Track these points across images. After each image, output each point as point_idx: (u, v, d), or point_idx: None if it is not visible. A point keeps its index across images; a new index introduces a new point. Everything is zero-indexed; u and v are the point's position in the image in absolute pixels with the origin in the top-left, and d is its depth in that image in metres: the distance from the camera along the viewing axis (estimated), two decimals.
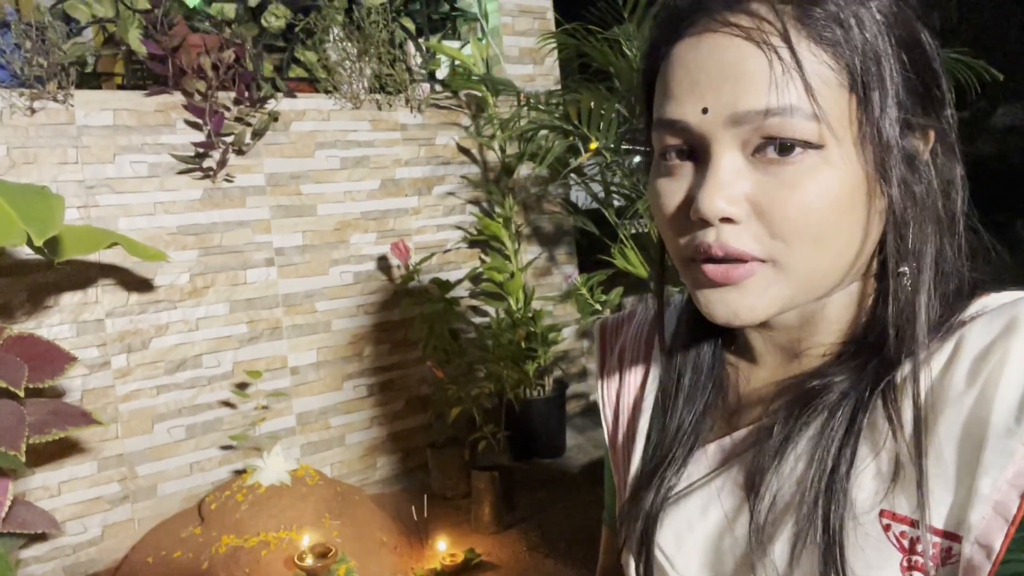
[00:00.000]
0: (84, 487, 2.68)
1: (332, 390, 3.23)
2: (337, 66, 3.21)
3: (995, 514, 0.40)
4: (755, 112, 0.45)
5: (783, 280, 0.47)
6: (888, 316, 0.48)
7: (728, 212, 0.46)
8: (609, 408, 0.69)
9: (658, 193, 0.51)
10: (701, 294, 0.49)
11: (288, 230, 3.10)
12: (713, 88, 0.46)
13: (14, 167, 2.54)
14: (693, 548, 0.55)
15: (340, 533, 2.53)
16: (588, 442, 3.62)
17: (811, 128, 0.44)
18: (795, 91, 0.44)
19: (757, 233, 0.46)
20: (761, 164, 0.46)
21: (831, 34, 0.45)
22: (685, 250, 0.50)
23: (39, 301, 2.60)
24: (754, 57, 0.45)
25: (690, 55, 0.48)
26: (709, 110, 0.46)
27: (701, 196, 0.46)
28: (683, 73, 0.48)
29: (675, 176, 0.50)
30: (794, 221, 0.45)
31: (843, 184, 0.46)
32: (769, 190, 0.46)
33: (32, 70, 2.54)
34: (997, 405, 0.41)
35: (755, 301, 0.47)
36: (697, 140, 0.48)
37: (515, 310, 3.44)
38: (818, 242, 0.46)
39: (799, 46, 0.44)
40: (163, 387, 2.84)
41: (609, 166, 3.09)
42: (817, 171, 0.45)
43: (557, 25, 3.79)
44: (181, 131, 2.84)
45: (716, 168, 0.46)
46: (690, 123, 0.47)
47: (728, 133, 0.46)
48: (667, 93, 0.49)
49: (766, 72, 0.44)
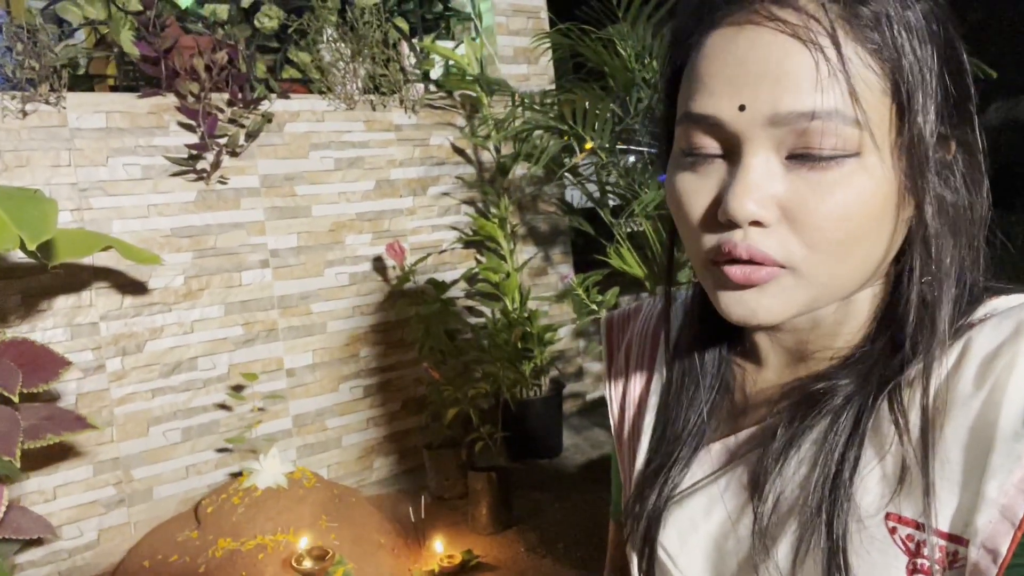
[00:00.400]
0: (79, 491, 2.67)
1: (328, 392, 3.23)
2: (331, 67, 3.20)
3: (1002, 518, 0.40)
4: (797, 114, 0.43)
5: (803, 286, 0.46)
6: (908, 323, 0.47)
7: (758, 215, 0.44)
8: (616, 403, 0.69)
9: (680, 190, 0.49)
10: (720, 295, 0.48)
11: (283, 231, 3.09)
12: (753, 85, 0.44)
13: (7, 170, 2.52)
14: (696, 548, 0.55)
15: (337, 535, 2.52)
16: (585, 442, 3.62)
17: (852, 134, 0.43)
18: (839, 94, 0.42)
19: (785, 239, 0.45)
20: (795, 168, 0.44)
21: (877, 37, 0.44)
22: (707, 250, 0.48)
23: (32, 305, 2.59)
24: (799, 56, 0.43)
25: (728, 47, 0.45)
26: (747, 108, 0.44)
27: (731, 197, 0.45)
28: (719, 66, 0.46)
29: (699, 173, 0.48)
30: (825, 230, 0.44)
31: (877, 193, 0.45)
32: (802, 196, 0.44)
33: (24, 73, 2.53)
34: (1005, 408, 0.41)
35: (773, 302, 0.46)
36: (729, 138, 0.46)
37: (511, 310, 3.44)
38: (844, 252, 0.45)
39: (845, 47, 0.43)
40: (158, 390, 2.83)
41: (604, 166, 3.09)
42: (853, 179, 0.44)
43: (551, 25, 3.79)
44: (174, 133, 2.83)
45: (748, 169, 0.45)
46: (724, 120, 0.45)
47: (764, 133, 0.44)
48: (699, 86, 0.47)
49: (811, 72, 0.43)
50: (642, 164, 3.00)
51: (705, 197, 0.48)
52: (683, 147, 0.49)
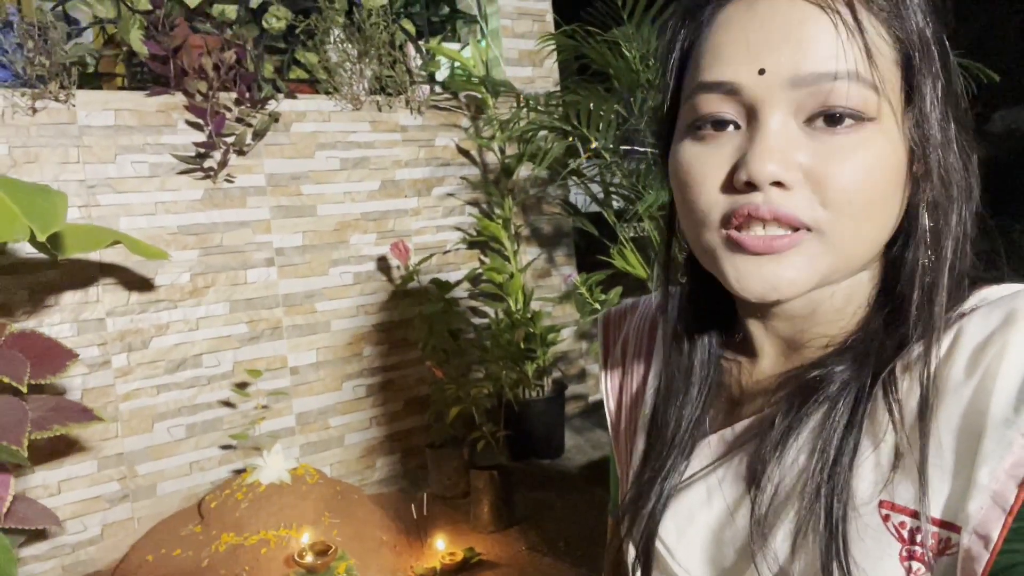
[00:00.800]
0: (84, 486, 2.68)
1: (332, 390, 3.24)
2: (337, 67, 3.22)
3: (993, 504, 0.40)
4: (818, 75, 0.43)
5: (825, 253, 0.46)
6: (906, 304, 0.48)
7: (781, 176, 0.44)
8: (612, 398, 0.69)
9: (687, 162, 0.49)
10: (732, 266, 0.47)
11: (288, 230, 3.11)
12: (773, 49, 0.44)
13: (16, 166, 2.55)
14: (694, 539, 0.55)
15: (340, 532, 2.53)
16: (587, 443, 3.62)
17: (871, 97, 0.44)
18: (858, 58, 0.43)
19: (809, 200, 0.45)
20: (814, 132, 0.45)
21: (886, 5, 0.45)
22: (721, 217, 0.47)
23: (40, 300, 2.61)
24: (818, 20, 0.44)
25: (744, 16, 0.46)
26: (767, 71, 0.44)
27: (751, 157, 0.44)
28: (736, 34, 0.46)
29: (710, 145, 0.48)
30: (848, 191, 0.44)
31: (893, 159, 0.46)
32: (824, 158, 0.44)
33: (34, 70, 2.55)
34: (996, 396, 0.41)
35: (796, 274, 0.46)
36: (747, 104, 0.46)
37: (514, 311, 3.45)
38: (866, 215, 0.45)
39: (860, 14, 0.44)
40: (163, 386, 2.84)
41: (608, 167, 3.11)
42: (872, 142, 0.45)
43: (556, 27, 3.81)
44: (182, 131, 2.85)
45: (768, 130, 0.45)
46: (743, 84, 0.45)
47: (785, 96, 0.45)
48: (715, 54, 0.47)
49: (831, 36, 0.43)
50: (646, 165, 3.01)
51: (718, 167, 0.47)
52: (694, 120, 0.49)
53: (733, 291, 0.48)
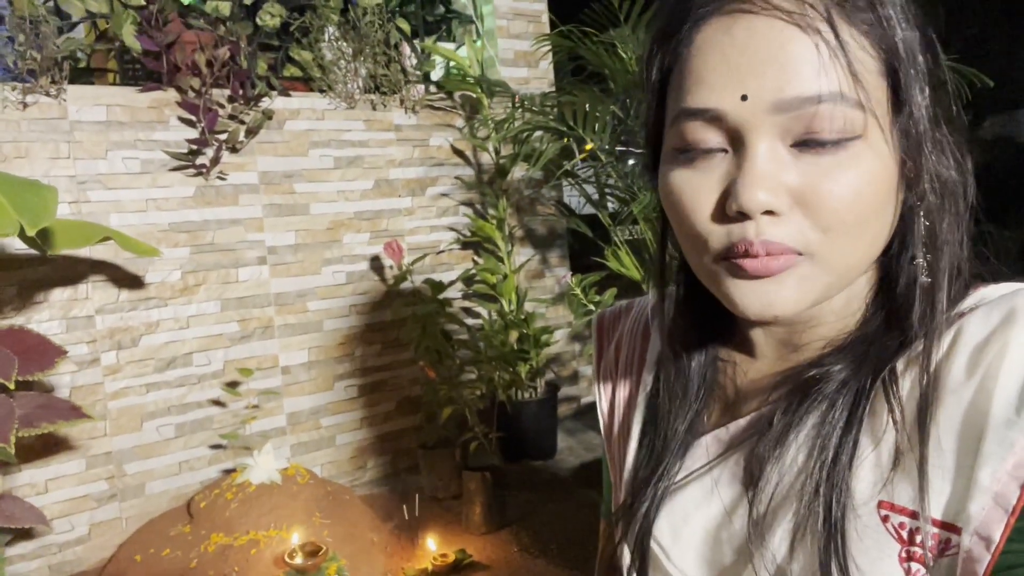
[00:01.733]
0: (71, 485, 2.65)
1: (323, 390, 3.22)
2: (332, 65, 3.21)
3: (995, 505, 0.40)
4: (802, 99, 0.43)
5: (819, 274, 0.46)
6: (905, 304, 0.48)
7: (771, 204, 0.44)
8: (605, 401, 0.69)
9: (678, 188, 0.48)
10: (733, 287, 0.47)
11: (281, 229, 3.09)
12: (755, 73, 0.43)
13: (5, 161, 2.52)
14: (689, 540, 0.54)
15: (330, 532, 2.51)
16: (579, 444, 3.62)
17: (856, 116, 0.43)
18: (841, 77, 0.43)
19: (800, 225, 0.44)
20: (801, 155, 0.44)
21: (868, 17, 0.44)
22: (717, 249, 0.47)
23: (28, 296, 2.58)
24: (799, 41, 0.43)
25: (724, 39, 0.45)
26: (749, 97, 0.43)
27: (740, 187, 0.44)
28: (717, 58, 0.45)
29: (699, 169, 0.47)
30: (838, 212, 0.44)
31: (883, 173, 0.45)
32: (813, 180, 0.44)
33: (25, 64, 2.53)
34: (997, 396, 0.41)
35: (791, 293, 0.46)
36: (732, 130, 0.45)
37: (507, 312, 3.44)
38: (858, 233, 0.45)
39: (842, 31, 0.43)
40: (153, 385, 2.82)
41: (603, 168, 3.10)
42: (861, 159, 0.44)
43: (552, 27, 3.81)
44: (174, 128, 2.83)
45: (755, 158, 0.44)
46: (726, 111, 0.44)
47: (769, 121, 0.44)
48: (696, 80, 0.46)
49: (812, 57, 0.42)
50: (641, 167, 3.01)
51: (708, 193, 0.47)
52: (679, 145, 0.48)
53: (733, 311, 0.48)
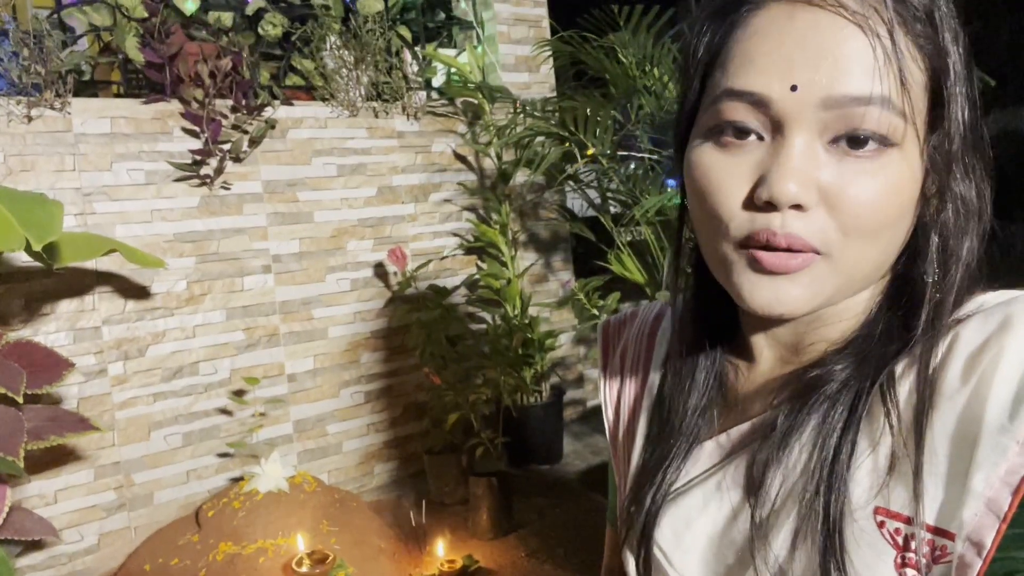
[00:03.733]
0: (80, 495, 2.67)
1: (329, 397, 3.23)
2: (334, 74, 3.22)
3: (987, 511, 0.40)
4: (851, 98, 0.43)
5: (831, 275, 0.46)
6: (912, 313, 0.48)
7: (800, 198, 0.44)
8: (611, 406, 0.69)
9: (706, 169, 0.48)
10: (745, 278, 0.47)
11: (285, 237, 3.10)
12: (808, 66, 0.43)
13: (11, 175, 2.54)
14: (691, 544, 0.55)
15: (338, 540, 2.52)
16: (585, 448, 3.62)
17: (898, 124, 0.44)
18: (892, 84, 0.43)
19: (823, 224, 0.45)
20: (836, 153, 0.44)
21: (924, 31, 0.44)
22: (740, 236, 0.47)
23: (35, 308, 2.59)
24: (857, 41, 0.43)
25: (782, 27, 0.45)
26: (800, 88, 0.44)
27: (774, 178, 0.44)
28: (772, 44, 0.45)
29: (732, 153, 0.47)
30: (862, 217, 0.44)
31: (910, 185, 0.45)
32: (843, 182, 0.44)
33: (30, 78, 2.55)
34: (991, 402, 0.41)
35: (803, 292, 0.46)
36: (774, 118, 0.45)
37: (512, 316, 3.45)
38: (875, 239, 0.45)
39: (898, 38, 0.43)
40: (160, 394, 2.83)
41: (605, 172, 3.11)
42: (892, 168, 0.44)
43: (553, 33, 3.81)
44: (178, 139, 2.84)
45: (792, 150, 0.44)
46: (773, 98, 0.44)
47: (813, 116, 0.44)
48: (746, 61, 0.46)
49: (868, 59, 0.43)
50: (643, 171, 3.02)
51: (738, 179, 0.47)
52: (714, 124, 0.48)
53: (740, 302, 0.48)
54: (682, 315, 0.60)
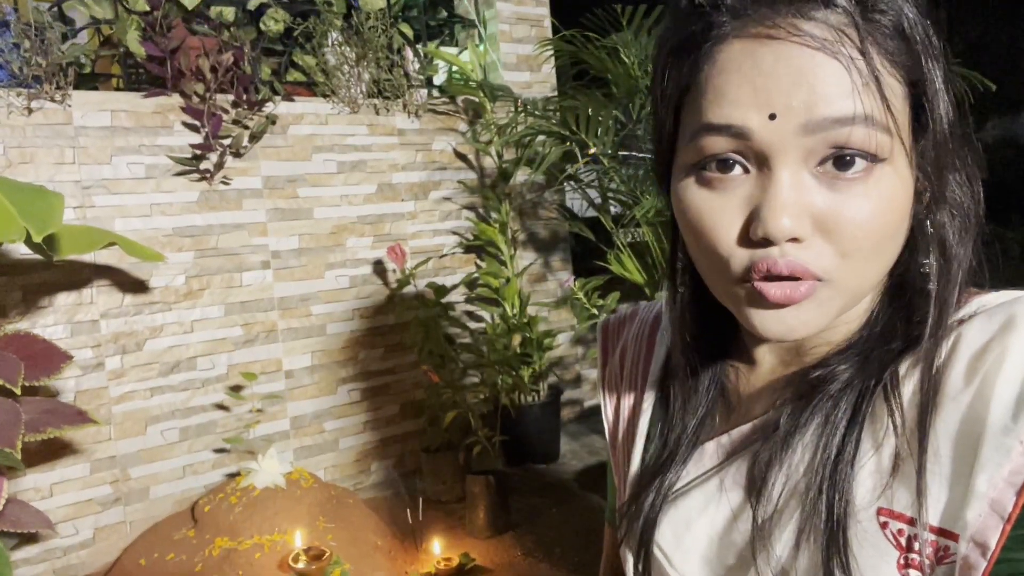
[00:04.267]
0: (76, 489, 2.66)
1: (326, 394, 3.23)
2: (335, 70, 3.22)
3: (991, 512, 0.40)
4: (832, 120, 0.42)
5: (835, 297, 0.46)
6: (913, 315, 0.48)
7: (796, 232, 0.43)
8: (610, 407, 0.69)
9: (697, 210, 0.48)
10: (755, 314, 0.47)
11: (284, 233, 3.10)
12: (784, 94, 0.43)
13: (11, 167, 2.53)
14: (691, 545, 0.55)
15: (334, 536, 2.52)
16: (582, 448, 3.62)
17: (885, 141, 0.43)
18: (872, 102, 0.42)
19: (820, 251, 0.44)
20: (826, 178, 0.44)
21: (895, 45, 0.44)
22: (740, 271, 0.47)
23: (33, 301, 2.59)
24: (830, 66, 0.42)
25: (750, 60, 0.44)
26: (778, 116, 0.43)
27: (766, 213, 0.44)
28: (743, 76, 0.44)
29: (718, 190, 0.47)
30: (859, 239, 0.44)
31: (903, 196, 0.45)
32: (836, 207, 0.44)
33: (30, 70, 2.54)
34: (994, 403, 0.41)
35: (809, 317, 0.46)
36: (756, 149, 0.44)
37: (510, 315, 3.45)
38: (875, 257, 0.45)
39: (872, 59, 0.43)
40: (157, 389, 2.82)
41: (606, 172, 3.11)
42: (883, 185, 0.44)
43: (554, 32, 3.81)
44: (178, 133, 2.84)
45: (781, 183, 0.44)
46: (752, 129, 0.44)
47: (796, 143, 0.43)
48: (719, 96, 0.45)
49: (844, 81, 0.42)
50: (644, 171, 3.02)
51: (731, 216, 0.46)
52: (697, 160, 0.47)
53: (754, 334, 0.48)
54: (681, 319, 0.60)
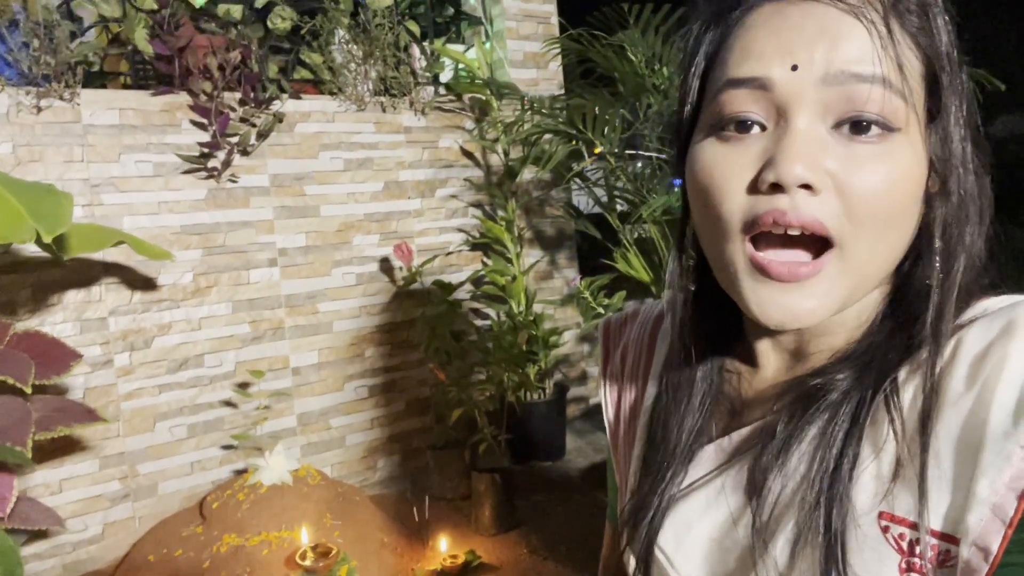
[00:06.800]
0: (85, 485, 2.68)
1: (333, 391, 3.24)
2: (342, 68, 3.22)
3: (993, 516, 0.40)
4: (851, 74, 0.43)
5: (844, 273, 0.46)
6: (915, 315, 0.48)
7: (809, 178, 0.43)
8: (611, 406, 0.69)
9: (710, 163, 0.48)
10: (754, 292, 0.47)
11: (291, 231, 3.11)
12: (807, 46, 0.44)
13: (20, 165, 2.54)
14: (693, 547, 0.55)
15: (341, 533, 2.53)
16: (588, 445, 3.62)
17: (899, 107, 0.44)
18: (890, 66, 0.43)
19: (834, 208, 0.44)
20: (841, 138, 0.45)
21: (918, 23, 0.45)
22: (742, 219, 0.47)
23: (43, 299, 2.60)
24: (852, 26, 0.44)
25: (777, 17, 0.46)
26: (800, 67, 0.44)
27: (780, 159, 0.44)
28: (768, 32, 0.46)
29: (734, 146, 0.47)
30: (872, 202, 0.44)
31: (917, 171, 0.46)
32: (850, 166, 0.44)
33: (39, 69, 2.55)
34: (995, 408, 0.41)
35: (817, 303, 0.46)
36: (778, 101, 0.45)
37: (516, 313, 3.45)
38: (885, 228, 0.45)
39: (894, 27, 0.44)
40: (165, 386, 2.84)
41: (613, 171, 3.11)
42: (898, 154, 0.44)
43: (562, 30, 3.81)
44: (186, 131, 2.85)
45: (797, 131, 0.44)
46: (775, 80, 0.45)
47: (816, 94, 0.44)
48: (744, 52, 0.47)
49: (865, 42, 0.44)
50: (651, 169, 3.02)
51: (743, 167, 0.46)
52: (717, 119, 0.48)
53: (752, 317, 0.48)
54: (682, 319, 0.59)
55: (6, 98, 2.51)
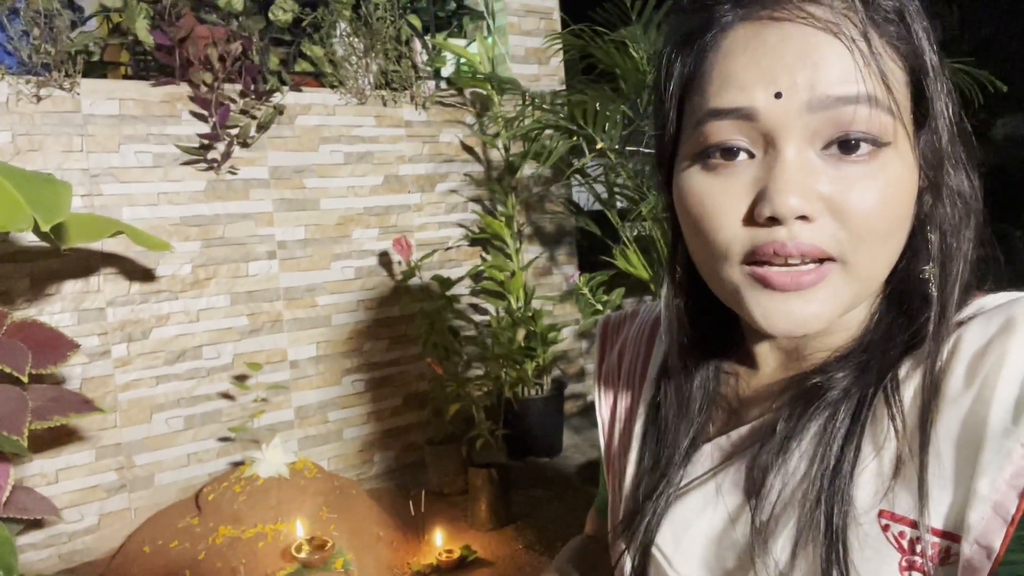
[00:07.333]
0: (81, 475, 2.68)
1: (331, 384, 3.24)
2: (343, 61, 3.22)
3: (994, 514, 0.40)
4: (835, 98, 0.43)
5: (848, 282, 0.46)
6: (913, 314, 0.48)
7: (804, 209, 0.43)
8: (606, 406, 0.69)
9: (699, 195, 0.48)
10: (757, 303, 0.46)
11: (291, 224, 3.11)
12: (788, 72, 0.43)
13: (19, 154, 2.54)
14: (691, 546, 0.55)
15: (337, 526, 2.53)
16: (584, 442, 3.63)
17: (887, 122, 0.44)
18: (874, 83, 0.43)
19: (833, 232, 0.44)
20: (831, 160, 0.44)
21: (895, 30, 0.45)
22: (740, 250, 0.46)
23: (41, 288, 2.60)
24: (833, 46, 0.43)
25: (755, 42, 0.45)
26: (784, 95, 0.43)
27: (774, 192, 0.43)
28: (748, 59, 0.45)
29: (723, 176, 0.47)
30: (869, 219, 0.44)
31: (909, 181, 0.46)
32: (844, 187, 0.44)
33: (39, 58, 2.54)
34: (995, 405, 0.41)
35: (821, 308, 0.45)
36: (763, 130, 0.45)
37: (515, 309, 3.45)
38: (885, 241, 0.45)
39: (874, 41, 0.43)
40: (162, 377, 2.84)
41: (613, 167, 3.10)
42: (889, 168, 0.44)
43: (563, 25, 3.80)
44: (186, 122, 2.84)
45: (787, 161, 0.44)
46: (759, 109, 0.44)
47: (801, 122, 0.44)
48: (724, 80, 0.45)
49: (847, 61, 0.43)
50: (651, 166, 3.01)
51: (734, 199, 0.46)
52: (700, 149, 0.47)
53: (758, 328, 0.47)
54: (679, 321, 0.59)
55: (6, 87, 2.51)
